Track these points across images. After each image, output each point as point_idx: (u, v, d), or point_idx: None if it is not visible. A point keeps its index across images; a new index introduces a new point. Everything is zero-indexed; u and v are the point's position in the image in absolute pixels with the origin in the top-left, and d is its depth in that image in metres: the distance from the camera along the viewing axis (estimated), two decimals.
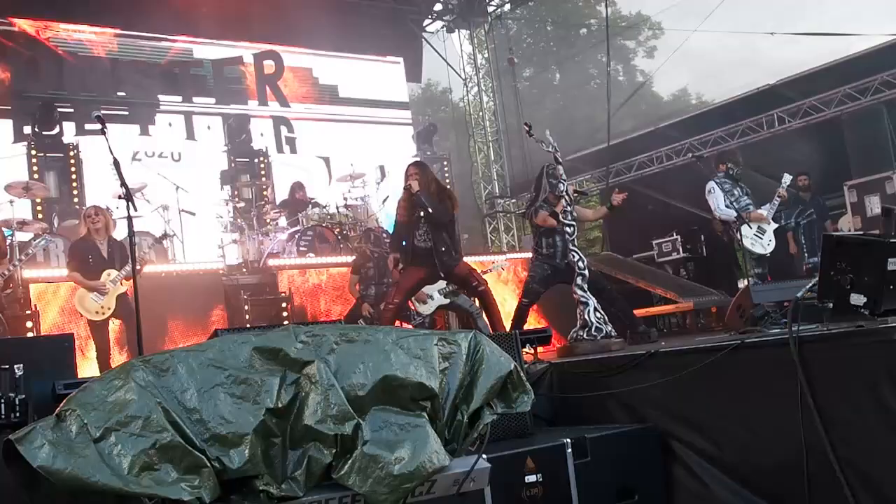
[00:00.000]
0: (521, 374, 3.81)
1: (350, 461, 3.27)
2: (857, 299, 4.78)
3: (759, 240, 9.49)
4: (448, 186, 9.31)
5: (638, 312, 10.09)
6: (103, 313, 9.08)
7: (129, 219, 6.89)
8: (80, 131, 13.69)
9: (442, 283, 9.91)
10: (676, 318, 12.70)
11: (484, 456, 3.65)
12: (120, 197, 7.01)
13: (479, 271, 9.58)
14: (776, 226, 9.77)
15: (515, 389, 3.76)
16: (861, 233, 8.50)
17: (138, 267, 8.56)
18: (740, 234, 9.28)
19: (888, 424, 4.38)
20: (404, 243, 8.78)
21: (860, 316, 4.75)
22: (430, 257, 8.62)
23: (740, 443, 5.14)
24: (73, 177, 13.08)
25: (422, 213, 8.58)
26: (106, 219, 9.52)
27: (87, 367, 9.01)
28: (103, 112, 7.23)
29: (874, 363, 4.44)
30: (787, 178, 9.80)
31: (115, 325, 9.35)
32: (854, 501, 4.47)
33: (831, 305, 4.93)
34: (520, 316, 9.08)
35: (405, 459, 3.32)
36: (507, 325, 9.01)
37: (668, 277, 13.52)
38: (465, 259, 9.28)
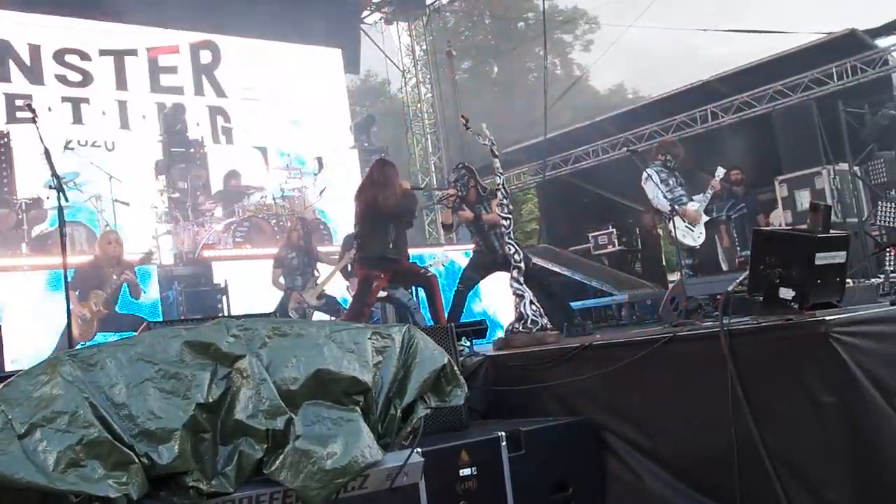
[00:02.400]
0: (455, 368, 3.81)
1: (281, 456, 3.24)
2: (786, 293, 4.84)
3: (690, 232, 9.62)
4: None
5: (574, 305, 10.16)
6: (88, 336, 9.02)
7: (60, 209, 6.79)
8: (11, 119, 13.41)
9: None
10: (612, 310, 12.81)
11: (418, 450, 3.64)
12: (51, 187, 6.92)
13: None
14: (707, 219, 9.92)
15: (449, 383, 3.76)
16: (790, 227, 8.64)
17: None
18: (673, 226, 9.39)
19: (816, 416, 4.43)
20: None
21: (789, 309, 4.81)
22: (395, 257, 8.62)
23: (674, 435, 5.17)
24: (4, 166, 12.82)
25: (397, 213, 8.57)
26: (122, 246, 9.62)
27: None
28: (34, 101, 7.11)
29: (802, 356, 4.49)
30: (720, 172, 9.97)
31: None
32: (783, 492, 4.52)
33: (761, 299, 5.00)
34: (457, 302, 9.12)
35: (337, 454, 3.29)
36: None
37: (604, 270, 13.64)
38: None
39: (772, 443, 4.59)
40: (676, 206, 9.49)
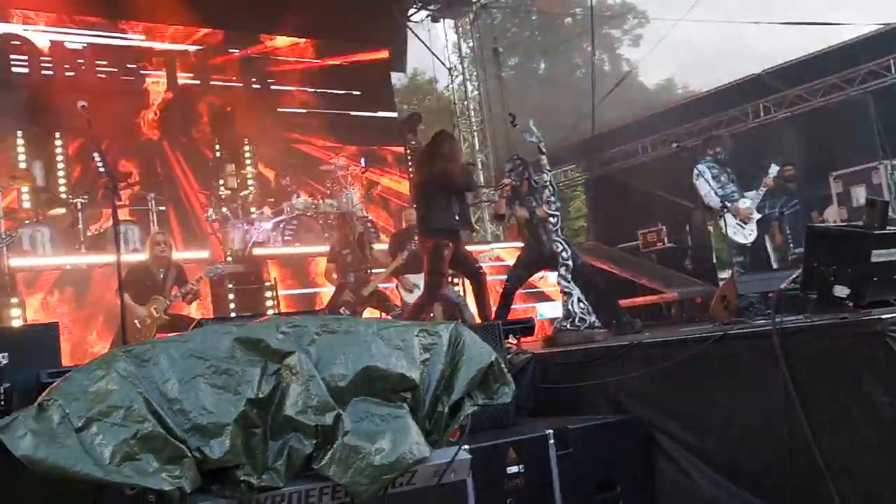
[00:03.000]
0: (502, 366, 3.82)
1: (330, 452, 3.28)
2: (841, 291, 4.77)
3: (741, 229, 9.52)
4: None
5: (622, 302, 10.10)
6: (142, 339, 9.05)
7: (114, 207, 6.90)
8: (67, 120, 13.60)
9: None
10: (661, 308, 12.71)
11: (465, 447, 3.65)
12: (106, 186, 7.02)
13: None
14: (759, 216, 9.80)
15: (496, 380, 3.77)
16: (845, 224, 8.50)
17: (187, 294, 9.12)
18: (724, 223, 9.28)
19: (870, 415, 4.37)
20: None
21: (844, 307, 4.74)
22: (458, 230, 8.64)
23: (724, 434, 5.14)
24: (61, 166, 13.02)
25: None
26: (171, 247, 9.59)
27: None
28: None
29: (857, 354, 4.42)
30: (773, 169, 9.82)
31: None
32: (836, 492, 4.47)
33: (815, 296, 4.93)
34: (504, 299, 9.10)
35: (385, 450, 3.32)
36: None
37: (653, 267, 13.54)
38: None
39: (825, 442, 4.54)
40: (727, 203, 9.40)
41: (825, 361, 4.56)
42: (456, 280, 10.58)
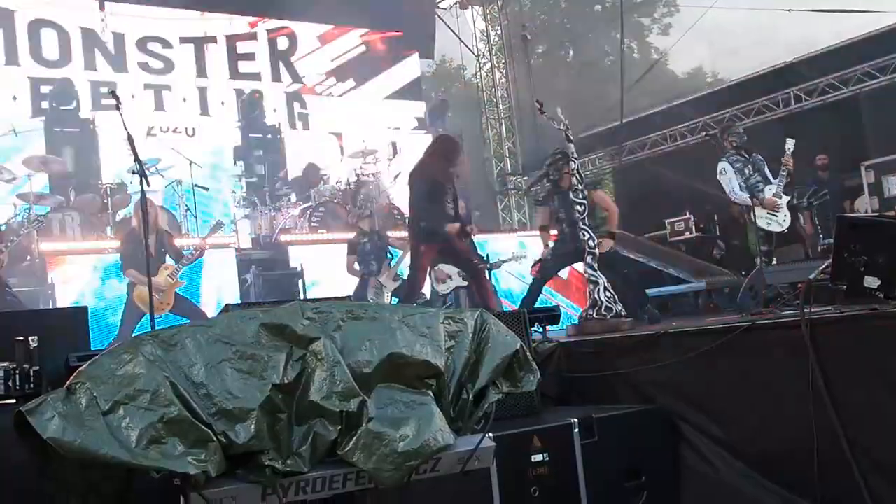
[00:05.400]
0: (528, 354, 3.80)
1: (355, 438, 3.27)
2: (871, 282, 4.72)
3: (774, 218, 9.44)
4: None
5: (649, 292, 10.07)
6: (162, 309, 9.06)
7: (143, 193, 6.95)
8: (96, 106, 13.68)
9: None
10: (688, 298, 12.67)
11: (489, 435, 3.64)
12: (134, 172, 7.07)
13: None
14: (788, 198, 9.68)
15: (521, 369, 3.75)
16: (876, 214, 8.42)
17: (195, 252, 9.18)
18: (754, 216, 9.23)
19: None
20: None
21: (874, 298, 4.70)
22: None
23: (750, 425, 5.13)
24: (90, 151, 13.07)
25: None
26: (156, 212, 9.53)
27: None
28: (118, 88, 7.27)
29: (887, 346, 4.40)
30: (790, 144, 9.63)
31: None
32: (864, 484, 4.45)
33: (845, 287, 4.89)
34: (532, 291, 9.08)
35: (410, 437, 3.31)
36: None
37: (681, 257, 13.50)
38: (481, 236, 9.33)
39: (853, 434, 4.52)
40: (755, 196, 9.32)
41: (854, 353, 4.54)
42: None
